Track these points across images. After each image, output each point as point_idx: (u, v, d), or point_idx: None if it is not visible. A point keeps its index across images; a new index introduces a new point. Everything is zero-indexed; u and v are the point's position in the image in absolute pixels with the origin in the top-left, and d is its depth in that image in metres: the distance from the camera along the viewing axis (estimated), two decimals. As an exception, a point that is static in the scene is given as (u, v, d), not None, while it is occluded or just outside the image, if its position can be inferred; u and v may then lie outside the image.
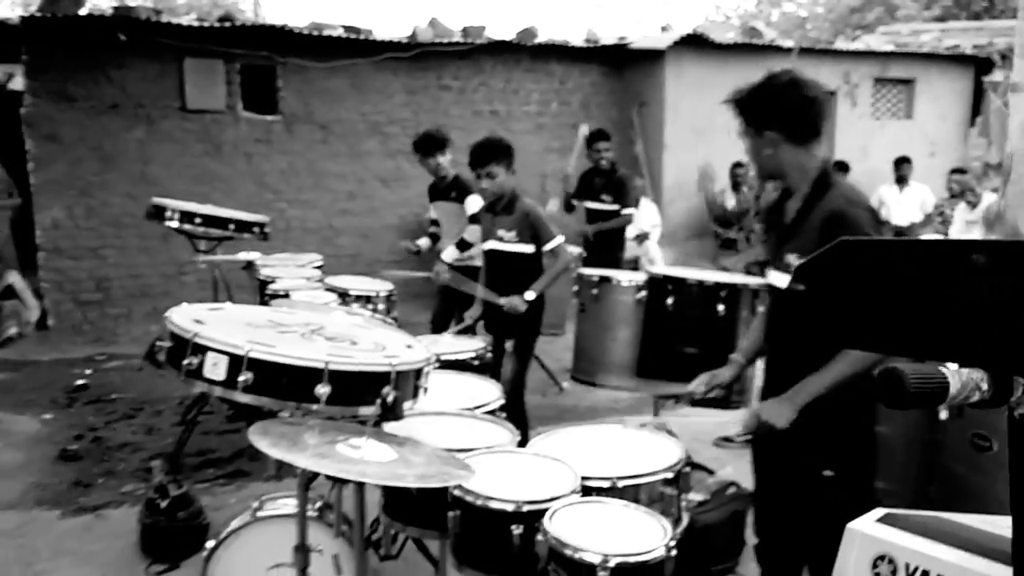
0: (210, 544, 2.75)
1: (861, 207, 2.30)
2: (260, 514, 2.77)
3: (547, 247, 4.26)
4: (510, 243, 4.30)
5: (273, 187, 8.33)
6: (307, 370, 1.92)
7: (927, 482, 2.93)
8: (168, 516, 3.71)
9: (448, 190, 5.52)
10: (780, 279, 2.41)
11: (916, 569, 1.18)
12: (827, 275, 1.03)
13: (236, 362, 1.91)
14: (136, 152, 7.73)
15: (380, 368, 2.01)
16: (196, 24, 7.53)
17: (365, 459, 1.79)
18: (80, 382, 6.38)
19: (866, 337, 0.97)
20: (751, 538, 3.73)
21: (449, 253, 5.21)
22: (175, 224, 5.01)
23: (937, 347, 0.89)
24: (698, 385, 2.75)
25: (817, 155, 2.42)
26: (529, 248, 4.30)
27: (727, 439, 5.15)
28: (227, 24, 7.59)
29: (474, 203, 5.13)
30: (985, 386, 0.90)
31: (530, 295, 4.21)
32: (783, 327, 2.42)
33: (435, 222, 5.86)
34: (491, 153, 4.24)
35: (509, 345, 4.37)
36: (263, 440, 1.69)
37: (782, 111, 2.37)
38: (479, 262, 5.25)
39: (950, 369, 0.90)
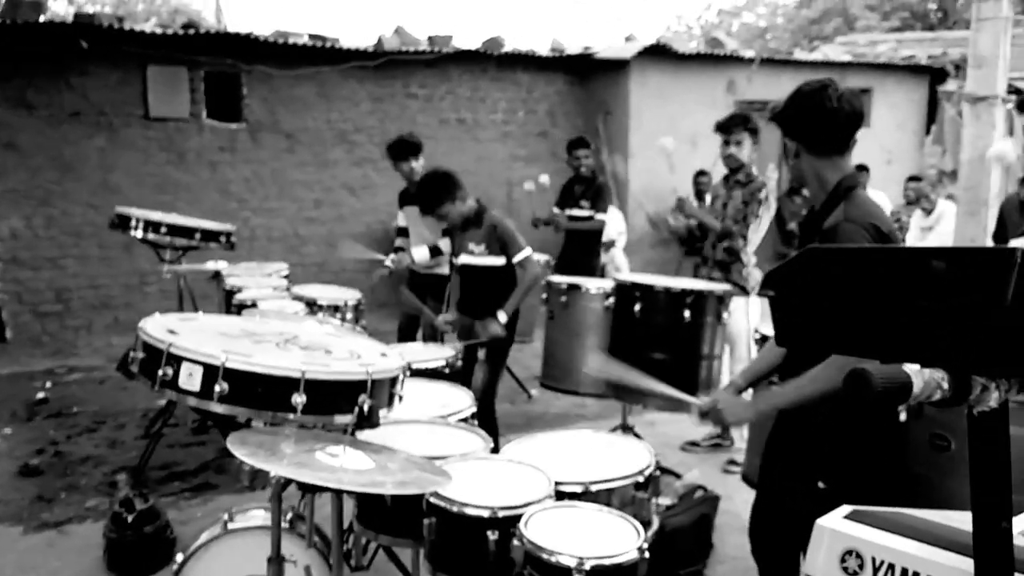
0: (180, 557, 2.72)
1: (859, 223, 2.21)
2: (231, 526, 2.75)
3: (516, 259, 4.27)
4: (480, 256, 4.33)
5: (238, 196, 8.27)
6: (283, 379, 1.93)
7: (886, 482, 3.00)
8: (135, 530, 3.66)
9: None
10: None
11: (882, 563, 1.22)
12: (795, 282, 1.07)
13: (212, 372, 1.90)
14: (97, 160, 7.62)
15: (356, 376, 2.02)
16: (159, 31, 7.44)
17: (344, 467, 1.80)
18: (40, 395, 6.26)
19: (832, 340, 1.01)
20: (718, 540, 3.81)
21: (419, 252, 5.22)
22: (140, 234, 4.96)
23: (900, 349, 0.94)
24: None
25: (842, 167, 2.36)
26: (499, 260, 4.32)
27: (693, 443, 5.23)
28: (191, 31, 7.52)
29: None
30: (946, 385, 0.94)
31: (503, 316, 4.21)
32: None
33: (402, 231, 5.86)
34: (432, 199, 4.29)
35: (481, 353, 4.39)
36: (242, 449, 1.70)
37: (803, 120, 2.35)
38: (445, 270, 5.28)
39: (913, 369, 0.95)
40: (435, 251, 5.25)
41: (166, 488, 4.56)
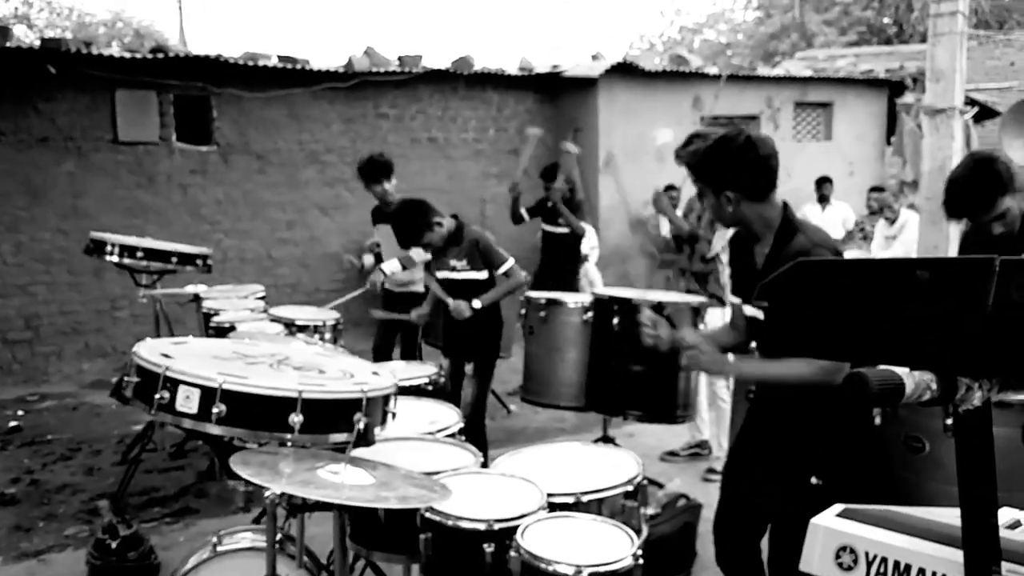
0: (169, 582, 2.72)
1: (826, 246, 2.42)
2: (220, 548, 2.75)
3: (500, 271, 4.33)
4: (462, 271, 4.36)
5: (209, 218, 8.23)
6: (281, 400, 1.95)
7: (862, 483, 3.09)
8: (119, 556, 3.64)
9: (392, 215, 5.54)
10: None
11: (875, 557, 1.29)
12: (787, 293, 1.14)
13: (209, 394, 1.93)
14: (67, 186, 7.55)
15: (351, 395, 2.05)
16: (128, 56, 7.41)
17: (347, 484, 1.83)
18: (13, 424, 6.17)
19: (826, 347, 1.08)
20: (702, 548, 3.87)
21: (390, 266, 5.17)
22: (116, 259, 4.91)
23: (890, 353, 1.00)
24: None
25: (776, 203, 2.51)
26: (482, 275, 4.37)
27: (672, 453, 5.30)
28: (159, 55, 7.50)
29: None
30: (935, 386, 1.01)
31: (477, 304, 4.28)
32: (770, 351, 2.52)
33: (378, 244, 5.88)
34: (411, 232, 4.31)
35: (469, 368, 4.42)
36: (246, 470, 1.72)
37: (739, 173, 2.44)
38: (420, 288, 5.28)
39: (904, 372, 1.01)
40: (407, 262, 5.19)
41: (146, 514, 4.52)
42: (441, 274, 4.48)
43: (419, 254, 5.11)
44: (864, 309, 1.03)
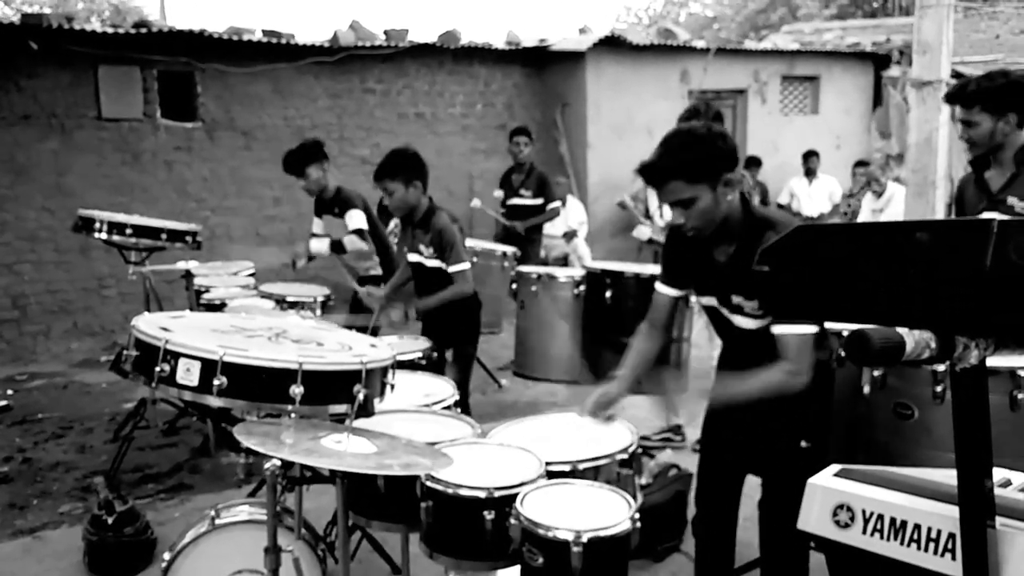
0: (167, 556, 2.74)
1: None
2: (219, 522, 2.78)
3: (450, 268, 4.08)
4: (429, 259, 4.17)
5: (195, 195, 8.16)
6: (281, 371, 1.97)
7: (853, 451, 3.15)
8: (115, 532, 3.66)
9: (331, 204, 5.16)
10: (738, 319, 2.53)
11: (872, 514, 1.33)
12: (788, 258, 1.16)
13: (210, 366, 1.94)
14: (51, 163, 7.46)
15: (351, 367, 2.07)
16: (110, 31, 7.31)
17: (349, 452, 1.85)
18: (3, 403, 6.15)
19: (827, 309, 1.10)
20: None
21: (317, 245, 4.90)
22: (104, 236, 4.89)
23: (890, 313, 1.03)
24: (589, 409, 2.75)
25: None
26: (445, 265, 4.14)
27: (644, 438, 5.26)
28: (142, 31, 7.40)
29: (356, 219, 4.96)
30: (934, 344, 1.04)
31: (412, 310, 4.19)
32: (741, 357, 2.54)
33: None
34: (385, 168, 4.08)
35: (449, 354, 4.36)
36: (250, 440, 1.74)
37: (721, 164, 2.33)
38: (378, 271, 5.11)
39: (904, 331, 1.04)
40: (336, 247, 4.96)
41: (141, 490, 4.54)
42: (412, 256, 4.28)
43: (352, 243, 4.88)
44: (865, 272, 1.05)
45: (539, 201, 7.00)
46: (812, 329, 2.31)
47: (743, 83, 10.53)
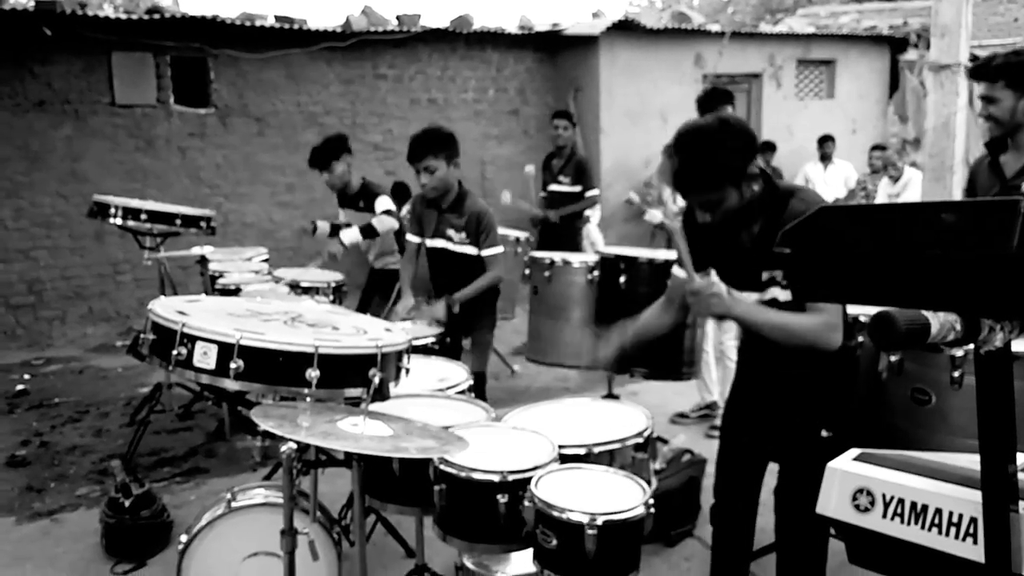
0: (184, 538, 2.76)
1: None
2: (235, 504, 2.80)
3: (484, 252, 4.02)
4: (460, 244, 4.06)
5: (209, 182, 8.19)
6: (298, 355, 1.97)
7: (869, 436, 3.13)
8: (132, 515, 3.70)
9: (356, 198, 5.15)
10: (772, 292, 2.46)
11: (892, 498, 1.32)
12: (811, 239, 1.14)
13: (227, 350, 1.94)
14: (65, 150, 7.50)
15: (367, 351, 2.07)
16: (124, 17, 7.32)
17: (365, 435, 1.85)
18: (20, 387, 6.21)
19: (851, 291, 1.09)
20: (705, 502, 3.93)
21: (349, 236, 4.81)
22: (119, 221, 4.91)
23: (916, 295, 1.02)
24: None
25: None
26: (477, 250, 4.09)
27: (682, 415, 5.31)
28: (156, 16, 7.41)
29: (385, 201, 4.93)
30: (959, 327, 1.03)
31: (455, 303, 4.00)
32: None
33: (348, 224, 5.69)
34: (426, 146, 3.93)
35: (467, 343, 4.32)
36: (268, 422, 1.75)
37: (746, 160, 2.30)
38: (397, 265, 5.07)
39: (929, 313, 1.03)
40: (367, 231, 4.84)
41: (157, 474, 4.58)
42: (434, 242, 4.16)
43: (383, 223, 4.80)
44: (890, 253, 1.04)
45: (577, 188, 6.73)
46: None
47: (758, 67, 10.45)
